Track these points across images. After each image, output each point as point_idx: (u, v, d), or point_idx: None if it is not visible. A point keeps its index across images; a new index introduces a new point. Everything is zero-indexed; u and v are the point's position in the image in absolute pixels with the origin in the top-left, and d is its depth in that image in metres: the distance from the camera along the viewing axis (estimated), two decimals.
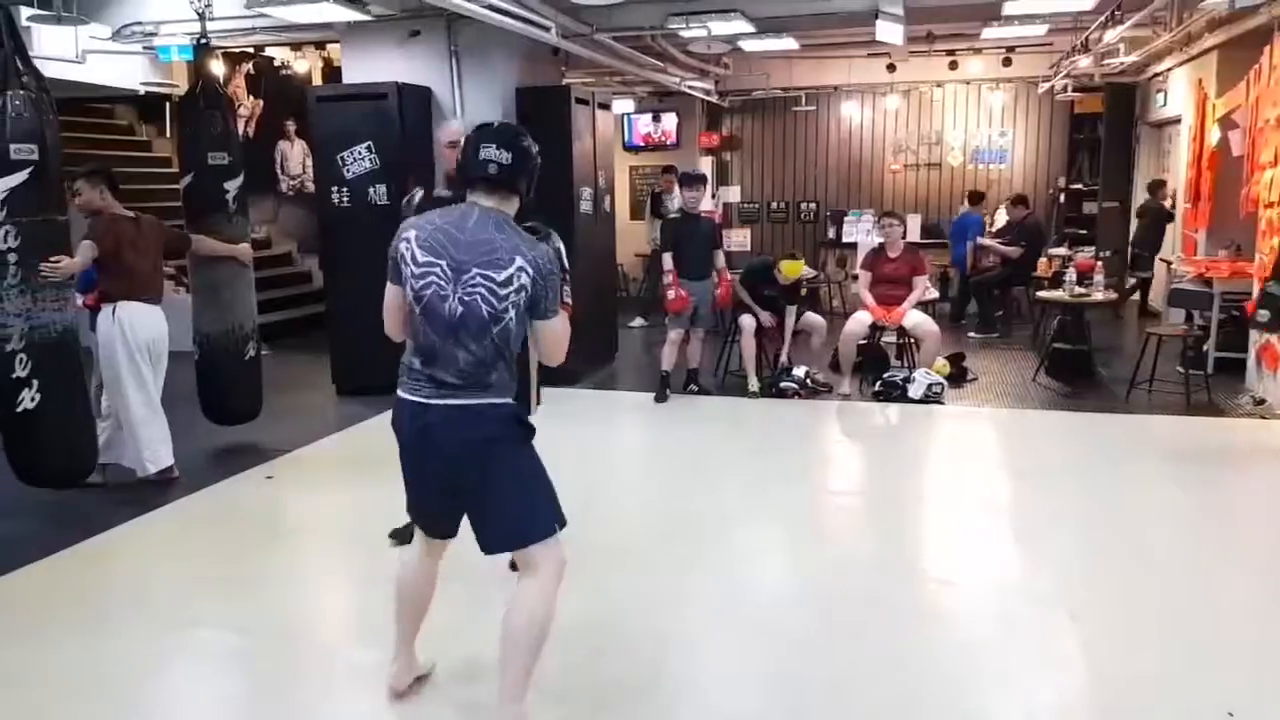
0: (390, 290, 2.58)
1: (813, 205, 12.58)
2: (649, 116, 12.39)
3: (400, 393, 2.57)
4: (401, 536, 3.68)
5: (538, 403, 4.01)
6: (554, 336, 2.57)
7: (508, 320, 2.45)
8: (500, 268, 2.43)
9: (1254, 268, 6.76)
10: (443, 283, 2.46)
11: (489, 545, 2.61)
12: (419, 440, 2.55)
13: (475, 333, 2.45)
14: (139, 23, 7.17)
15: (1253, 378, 6.71)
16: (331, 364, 7.18)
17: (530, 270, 2.44)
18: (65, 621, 3.53)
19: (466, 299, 2.44)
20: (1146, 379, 6.70)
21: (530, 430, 2.62)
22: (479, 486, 2.54)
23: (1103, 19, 7.68)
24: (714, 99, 11.77)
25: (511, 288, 2.43)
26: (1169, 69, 9.32)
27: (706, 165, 12.18)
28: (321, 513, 4.77)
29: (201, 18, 5.53)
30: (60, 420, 4.44)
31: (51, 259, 4.29)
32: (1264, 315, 5.37)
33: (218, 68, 7.86)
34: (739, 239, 10.94)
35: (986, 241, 9.47)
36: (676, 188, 7.63)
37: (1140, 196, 10.72)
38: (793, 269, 6.94)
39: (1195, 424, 6.10)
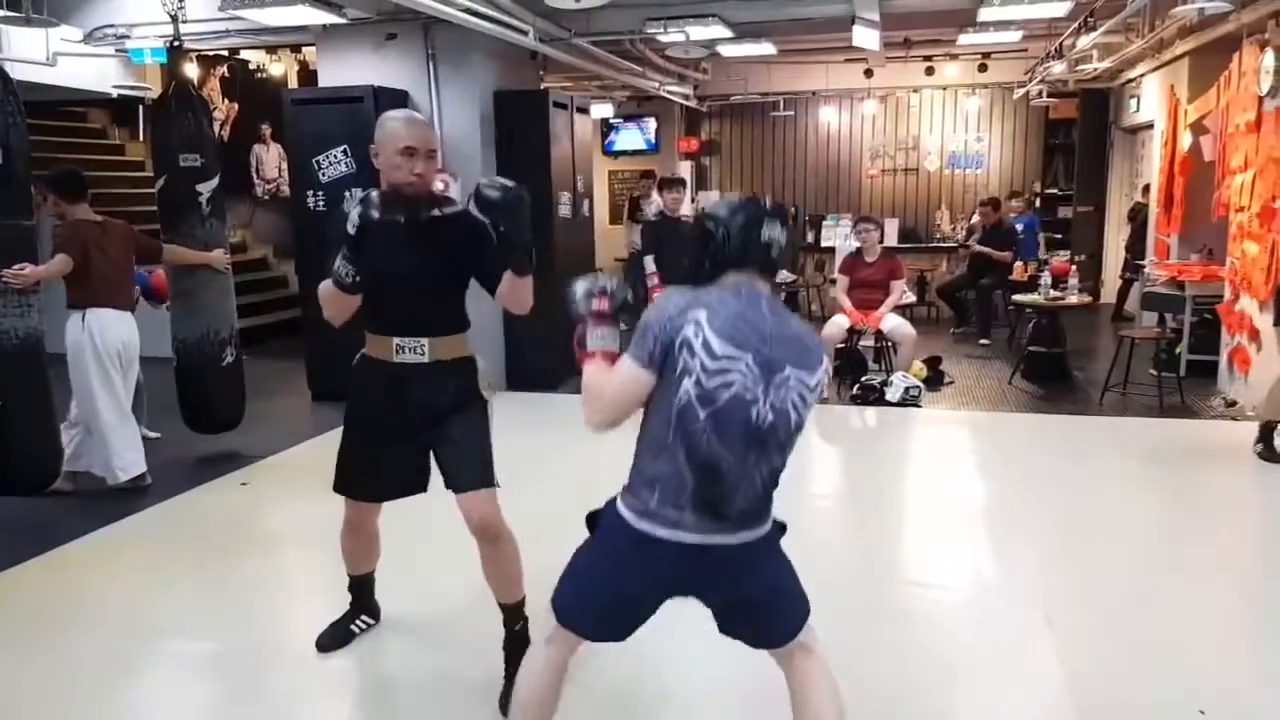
0: (632, 374, 2.04)
1: (791, 210, 12.59)
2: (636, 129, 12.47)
3: (648, 528, 2.04)
4: None
5: None
6: None
7: (798, 424, 2.09)
8: (812, 369, 2.06)
9: (1225, 271, 6.84)
10: (749, 383, 1.99)
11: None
12: (692, 586, 2.16)
13: (783, 445, 2.07)
14: (111, 25, 7.10)
15: (1224, 380, 6.78)
16: (307, 369, 7.13)
17: (820, 373, 2.09)
18: (33, 632, 3.48)
19: (779, 405, 2.02)
20: (1120, 381, 6.76)
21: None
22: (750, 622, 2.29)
23: (1076, 25, 7.76)
24: (693, 104, 11.79)
25: (814, 395, 2.09)
26: (1142, 75, 9.42)
27: (686, 170, 12.20)
28: (296, 519, 4.73)
29: (175, 20, 5.47)
30: (23, 428, 4.37)
31: (14, 267, 4.22)
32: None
33: (192, 70, 7.80)
34: None
35: (978, 247, 9.52)
36: (655, 193, 7.64)
37: (1116, 201, 10.84)
38: None
39: (1168, 426, 6.15)
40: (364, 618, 3.31)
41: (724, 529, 2.04)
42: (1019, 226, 9.89)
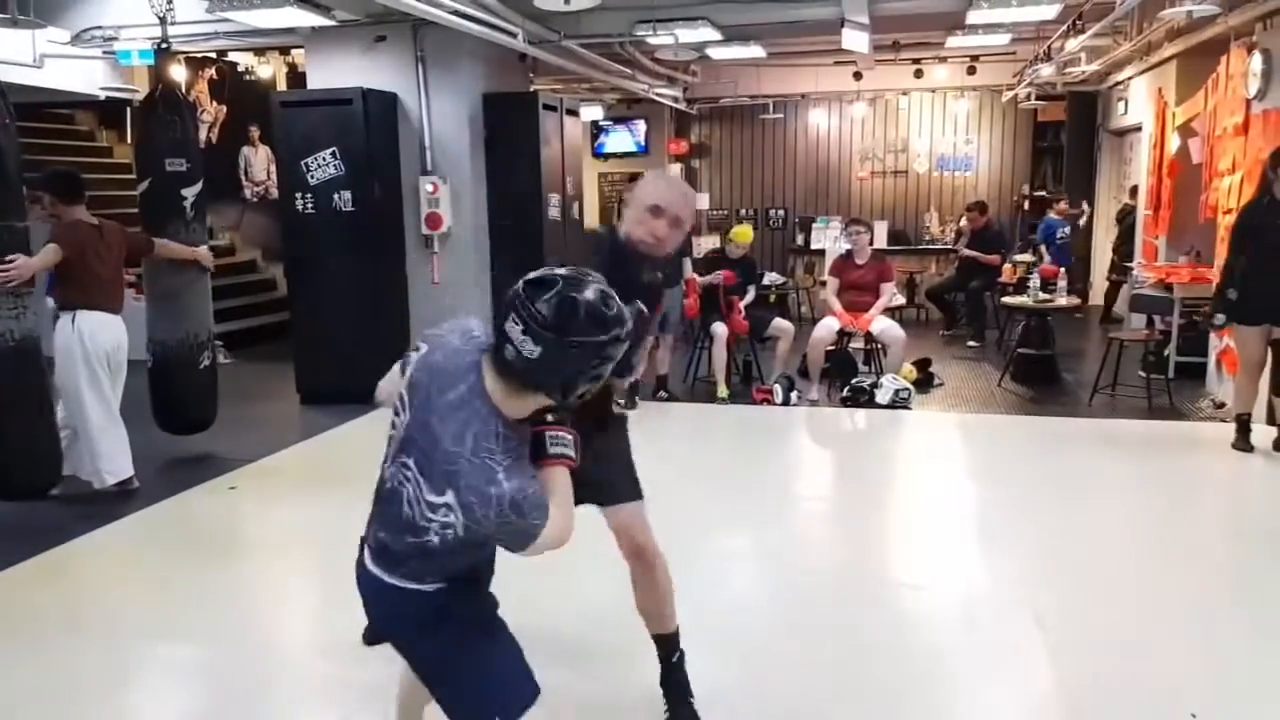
0: None
1: (781, 212, 12.63)
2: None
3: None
4: None
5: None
6: (545, 546, 1.84)
7: (428, 538, 1.85)
8: (432, 482, 1.81)
9: (1213, 273, 6.86)
10: (399, 439, 1.91)
11: None
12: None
13: (393, 523, 1.91)
14: (99, 27, 7.06)
15: (1213, 381, 6.81)
16: (295, 372, 7.10)
17: (461, 518, 1.78)
18: (22, 637, 3.45)
19: (393, 484, 1.90)
20: (1109, 383, 6.78)
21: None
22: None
23: (1064, 28, 7.78)
24: (682, 106, 11.80)
25: (434, 520, 1.82)
26: (1130, 78, 9.46)
27: (675, 172, 12.21)
28: (285, 523, 4.70)
29: (163, 22, 5.44)
30: (20, 431, 4.34)
31: (6, 259, 4.19)
32: (1220, 319, 5.49)
33: (180, 73, 7.77)
34: (709, 246, 10.96)
35: (968, 251, 9.54)
36: None
37: (1104, 203, 10.88)
38: (742, 234, 7.00)
39: (1157, 427, 6.17)
40: None
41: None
42: (1065, 230, 9.92)
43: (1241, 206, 5.78)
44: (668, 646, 2.81)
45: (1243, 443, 5.48)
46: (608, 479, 2.70)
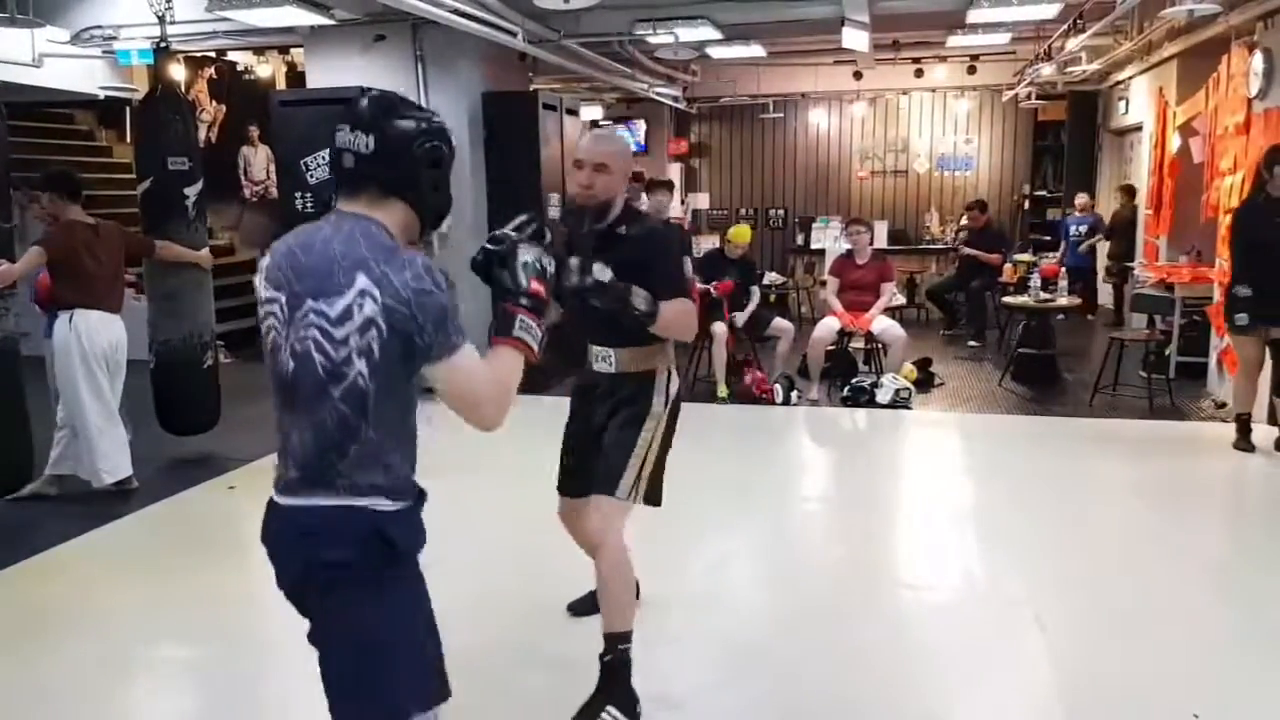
0: None
1: (781, 212, 12.62)
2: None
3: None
4: None
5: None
6: (464, 384, 1.70)
7: (353, 377, 1.66)
8: (333, 295, 1.65)
9: (1214, 273, 6.86)
10: (279, 325, 1.73)
11: None
12: (270, 555, 1.83)
13: (310, 397, 1.69)
14: (99, 26, 7.05)
15: (1214, 381, 6.80)
16: None
17: (377, 295, 1.62)
18: (21, 638, 3.44)
19: (299, 347, 1.69)
20: (1110, 383, 6.77)
21: (399, 551, 1.74)
22: (317, 639, 1.80)
23: (1065, 27, 7.77)
24: (682, 106, 11.79)
25: (350, 325, 1.64)
26: (1130, 77, 9.46)
27: (675, 172, 12.20)
28: None
29: (162, 21, 5.44)
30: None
31: None
32: (1243, 319, 5.35)
33: (179, 72, 7.75)
34: (709, 246, 10.95)
35: (968, 250, 9.53)
36: (643, 195, 7.63)
37: (1105, 202, 10.87)
38: (740, 233, 7.00)
39: (1158, 427, 6.16)
40: None
41: (283, 490, 1.78)
42: (1083, 228, 9.91)
43: (1236, 206, 5.77)
44: (606, 643, 2.82)
45: (1243, 443, 5.47)
46: (599, 470, 2.84)
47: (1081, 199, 10.21)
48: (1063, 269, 8.36)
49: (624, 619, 2.83)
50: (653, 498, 2.87)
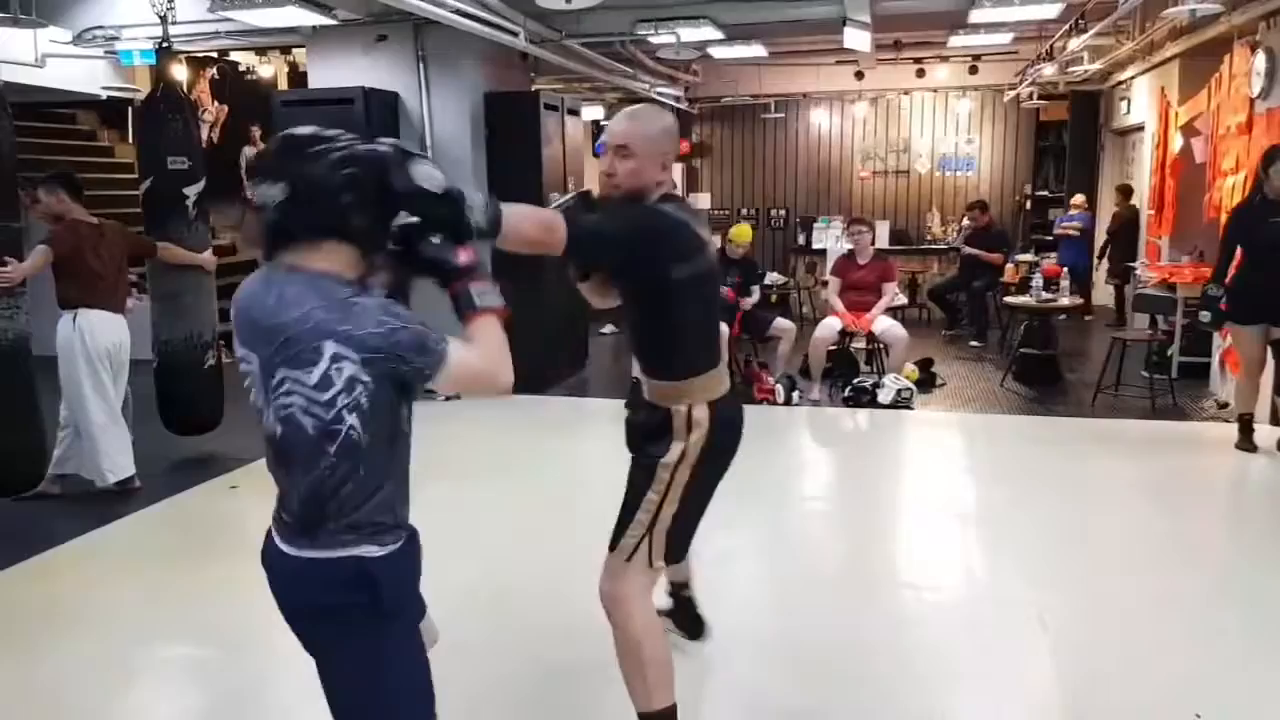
0: None
1: (782, 212, 12.62)
2: None
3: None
4: None
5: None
6: (464, 376, 1.73)
7: (345, 431, 1.67)
8: (307, 365, 1.64)
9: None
10: (258, 387, 1.74)
11: None
12: (269, 581, 1.87)
13: (304, 458, 1.70)
14: (101, 26, 7.06)
15: (1216, 382, 6.80)
16: None
17: (351, 354, 1.62)
18: (23, 637, 3.44)
19: (283, 413, 1.69)
20: (1112, 384, 6.77)
21: (383, 595, 1.74)
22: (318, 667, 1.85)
23: (1067, 27, 7.77)
24: (684, 106, 11.78)
25: (334, 388, 1.64)
26: (1132, 77, 9.45)
27: (677, 172, 12.17)
28: None
29: (164, 21, 5.45)
30: (7, 430, 4.34)
31: (2, 260, 4.20)
32: (1206, 316, 5.49)
33: (181, 72, 7.77)
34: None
35: (970, 250, 9.53)
36: None
37: (1107, 203, 10.87)
38: (741, 233, 7.01)
39: (1160, 428, 6.16)
40: None
41: (279, 530, 1.82)
42: (1073, 223, 9.89)
43: (1234, 206, 5.77)
44: None
45: (1246, 443, 5.47)
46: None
47: (1078, 199, 10.22)
48: (1064, 268, 8.35)
49: (645, 697, 2.41)
50: (672, 556, 2.47)
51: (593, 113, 11.73)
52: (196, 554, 4.26)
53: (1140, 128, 9.55)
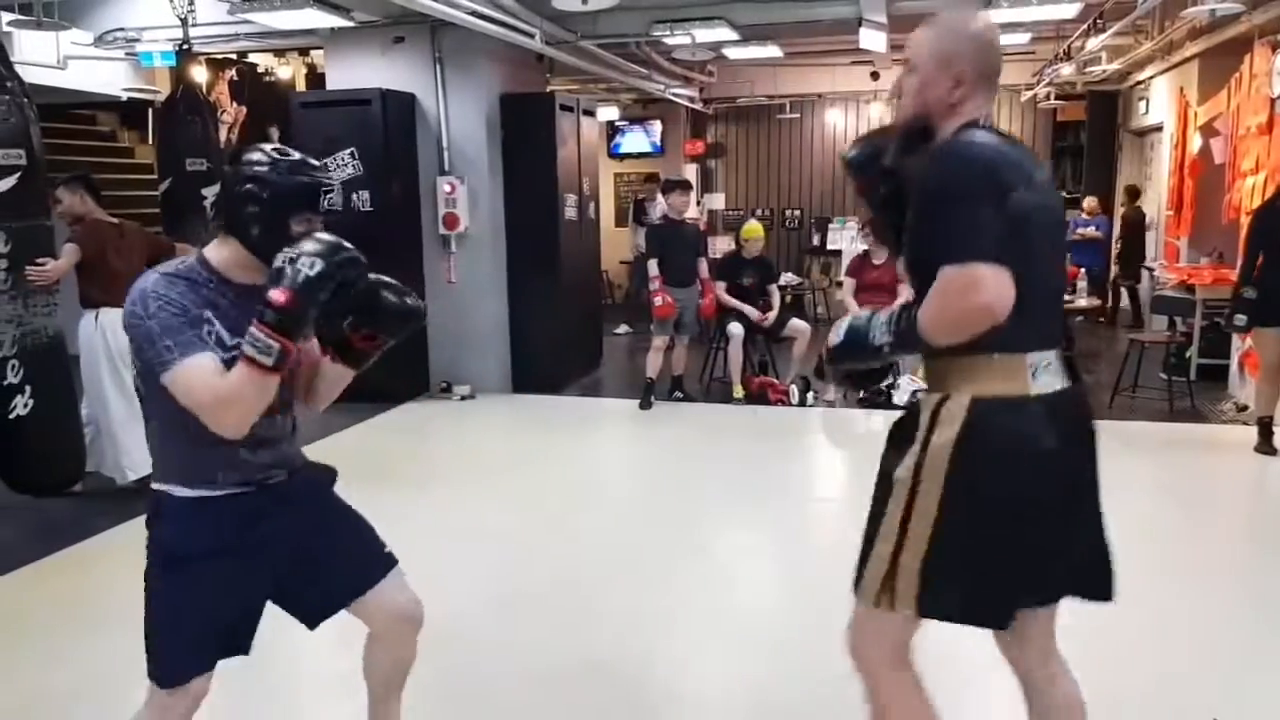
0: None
1: (797, 212, 12.61)
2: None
3: None
4: None
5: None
6: (183, 395, 1.83)
7: (137, 380, 2.05)
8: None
9: (1234, 274, 6.80)
10: None
11: None
12: None
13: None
14: (121, 29, 7.12)
15: (1235, 384, 6.75)
16: None
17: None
18: (44, 633, 3.48)
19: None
20: (1130, 385, 6.73)
21: (162, 540, 2.11)
22: None
23: (1085, 27, 7.74)
24: (698, 106, 11.79)
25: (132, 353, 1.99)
26: (1151, 77, 9.39)
27: (691, 172, 12.20)
28: None
29: (184, 23, 5.50)
30: (50, 427, 4.40)
31: (38, 262, 4.28)
32: (1242, 320, 5.42)
33: (201, 74, 7.83)
34: (724, 246, 10.96)
35: None
36: (660, 196, 7.66)
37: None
38: (752, 230, 7.03)
39: (1179, 430, 6.12)
40: None
41: None
42: (1089, 230, 9.84)
43: (1256, 208, 5.73)
44: None
45: (1266, 446, 5.43)
46: None
47: (1089, 202, 10.15)
48: (1081, 270, 8.32)
49: None
50: (935, 606, 1.95)
51: (608, 113, 11.77)
52: None
53: (1159, 128, 9.50)
